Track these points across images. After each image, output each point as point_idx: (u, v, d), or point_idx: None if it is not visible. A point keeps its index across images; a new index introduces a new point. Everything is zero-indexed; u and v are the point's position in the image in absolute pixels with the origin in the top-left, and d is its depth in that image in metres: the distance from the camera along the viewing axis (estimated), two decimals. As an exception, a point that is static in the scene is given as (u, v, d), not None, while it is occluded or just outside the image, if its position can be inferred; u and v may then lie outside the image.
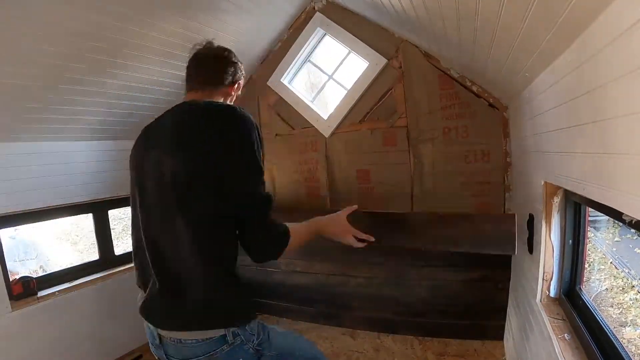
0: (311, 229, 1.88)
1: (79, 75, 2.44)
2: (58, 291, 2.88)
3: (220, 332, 1.53)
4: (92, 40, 2.26)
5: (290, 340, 1.95)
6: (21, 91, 2.29)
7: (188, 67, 1.84)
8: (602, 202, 1.13)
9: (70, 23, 2.07)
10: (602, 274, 2.21)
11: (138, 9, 2.26)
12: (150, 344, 1.73)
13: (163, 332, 1.60)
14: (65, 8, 1.97)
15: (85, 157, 3.05)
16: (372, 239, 1.89)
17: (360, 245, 1.88)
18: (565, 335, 1.60)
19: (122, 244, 5.53)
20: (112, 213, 3.47)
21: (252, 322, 1.66)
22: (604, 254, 2.26)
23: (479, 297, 3.04)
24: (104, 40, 2.31)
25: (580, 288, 1.80)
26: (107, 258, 3.38)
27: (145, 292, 1.74)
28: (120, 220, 5.93)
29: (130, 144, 1.71)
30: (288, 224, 1.70)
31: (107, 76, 2.58)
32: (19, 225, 2.95)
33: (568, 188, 1.55)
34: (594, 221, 1.96)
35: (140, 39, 2.47)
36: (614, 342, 1.34)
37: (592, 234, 2.04)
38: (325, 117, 3.54)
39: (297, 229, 1.75)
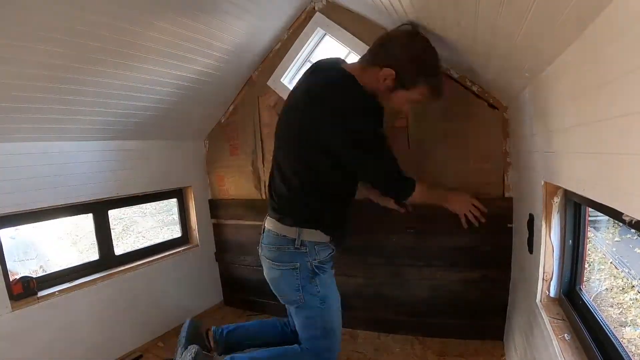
0: (436, 196, 2.52)
1: (79, 75, 2.44)
2: (58, 291, 2.87)
3: (292, 233, 2.17)
4: (92, 40, 2.26)
5: (337, 303, 2.41)
6: (21, 91, 2.29)
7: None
8: (602, 202, 1.13)
9: (70, 23, 2.07)
10: (602, 274, 2.21)
11: (138, 8, 2.26)
12: None
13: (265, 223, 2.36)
14: (65, 8, 1.97)
15: (85, 157, 3.05)
16: (485, 210, 2.49)
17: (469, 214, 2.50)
18: (565, 335, 1.60)
19: (122, 244, 5.54)
20: (112, 213, 3.47)
21: (322, 245, 2.23)
22: (604, 254, 2.26)
23: (479, 296, 3.04)
24: (104, 40, 2.31)
25: (580, 288, 1.81)
26: (107, 258, 3.38)
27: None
28: (121, 220, 5.94)
29: (130, 144, 1.74)
30: (419, 184, 2.27)
31: (107, 76, 2.58)
32: (19, 225, 2.94)
33: (568, 188, 1.55)
34: (594, 221, 1.96)
35: (140, 39, 2.47)
36: (614, 342, 1.34)
37: (592, 234, 2.04)
38: (325, 118, 3.52)
39: (424, 191, 2.31)
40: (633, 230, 1.80)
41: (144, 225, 6.34)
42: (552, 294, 1.92)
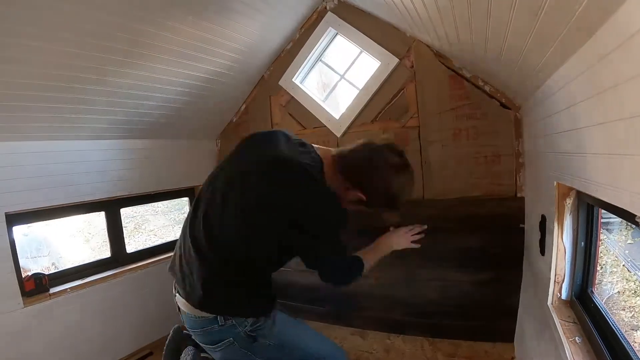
0: (380, 254, 2.30)
1: (92, 75, 2.46)
2: (70, 288, 2.90)
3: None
4: (105, 40, 2.28)
5: (299, 331, 2.05)
6: (34, 91, 2.32)
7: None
8: (615, 204, 1.12)
9: (82, 23, 2.10)
10: (614, 277, 2.19)
11: (151, 9, 2.28)
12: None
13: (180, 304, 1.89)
14: (77, 8, 1.99)
15: (98, 156, 3.08)
16: (424, 227, 2.34)
17: (417, 244, 2.34)
18: (577, 338, 1.59)
19: (134, 242, 5.59)
20: (124, 211, 3.50)
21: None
22: (616, 257, 2.23)
23: (490, 298, 3.02)
24: (116, 40, 2.33)
25: (592, 291, 1.79)
26: (118, 256, 3.41)
27: None
28: (133, 218, 5.99)
29: (142, 143, 1.75)
30: (360, 254, 2.10)
31: (119, 76, 2.60)
32: (31, 222, 2.97)
33: (581, 189, 1.54)
34: (607, 223, 1.93)
35: (152, 39, 2.49)
36: (626, 345, 1.32)
37: (605, 236, 2.02)
38: (337, 117, 3.54)
39: (369, 256, 2.15)
40: (646, 233, 1.78)
41: (155, 224, 6.39)
42: (563, 297, 1.90)
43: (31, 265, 3.95)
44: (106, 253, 3.39)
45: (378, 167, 1.84)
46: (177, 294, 1.91)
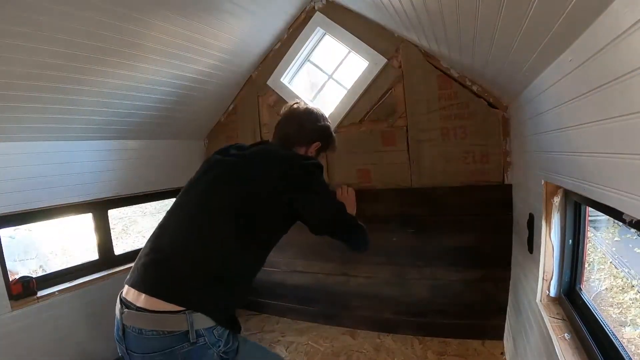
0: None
1: (79, 75, 2.44)
2: (58, 291, 2.87)
3: (183, 327, 1.48)
4: (92, 40, 2.26)
5: (258, 356, 1.90)
6: (20, 91, 2.29)
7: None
8: (602, 202, 1.13)
9: (70, 23, 2.08)
10: (602, 274, 2.22)
11: (138, 8, 2.26)
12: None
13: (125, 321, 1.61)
14: (64, 8, 1.97)
15: (85, 156, 3.04)
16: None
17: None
18: (565, 334, 1.60)
19: (122, 243, 5.54)
20: (111, 213, 3.46)
21: (219, 328, 1.59)
22: (603, 254, 2.26)
23: (479, 296, 3.04)
24: (104, 40, 2.31)
25: (580, 288, 1.81)
26: (106, 258, 3.38)
27: None
28: (120, 220, 5.94)
29: (130, 144, 1.73)
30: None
31: (107, 76, 2.58)
32: (18, 225, 2.94)
33: (568, 188, 1.55)
34: (594, 221, 1.96)
35: (140, 39, 2.47)
36: (614, 341, 1.34)
37: (592, 234, 2.04)
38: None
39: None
40: (633, 230, 1.81)
41: (143, 225, 6.34)
42: (552, 294, 1.92)
43: (19, 268, 3.91)
44: (94, 255, 3.36)
45: (310, 120, 2.22)
46: (128, 310, 1.63)
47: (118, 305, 1.70)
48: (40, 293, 2.79)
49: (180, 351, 1.49)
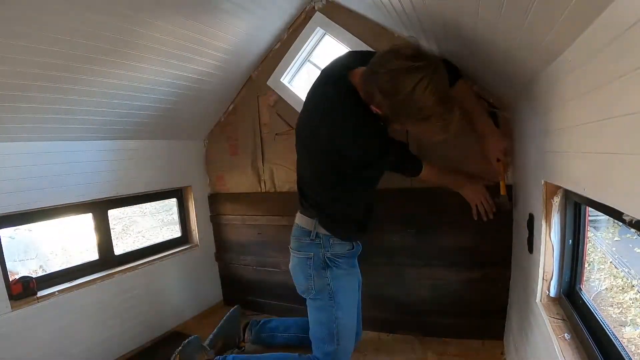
0: (450, 179, 2.68)
1: (79, 75, 2.44)
2: (58, 291, 2.87)
3: (310, 224, 2.34)
4: (92, 40, 2.26)
5: (352, 306, 2.54)
6: (20, 91, 2.29)
7: None
8: (602, 202, 1.13)
9: (69, 23, 2.08)
10: (602, 274, 2.21)
11: (138, 8, 2.26)
12: None
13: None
14: (64, 8, 1.97)
15: (85, 157, 3.05)
16: (493, 209, 2.60)
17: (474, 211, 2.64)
18: (565, 335, 1.60)
19: (122, 244, 5.53)
20: (111, 213, 3.47)
21: (337, 239, 2.36)
22: (603, 254, 2.26)
23: (479, 296, 3.04)
24: (104, 40, 2.31)
25: (580, 288, 1.80)
26: (107, 258, 3.38)
27: None
28: (120, 220, 5.93)
29: (130, 144, 1.73)
30: (429, 166, 2.47)
31: (107, 76, 2.58)
32: (18, 225, 2.94)
33: (568, 188, 1.55)
34: (594, 221, 1.95)
35: (140, 39, 2.47)
36: (614, 341, 1.34)
37: (592, 234, 2.04)
38: (325, 117, 3.53)
39: (434, 173, 2.54)
40: (633, 230, 1.80)
41: (143, 225, 6.33)
42: (552, 294, 1.92)
43: (19, 269, 3.90)
44: (94, 255, 3.36)
45: (378, 73, 1.74)
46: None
47: None
48: (40, 293, 2.79)
49: (303, 241, 2.41)
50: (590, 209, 1.68)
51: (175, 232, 4.18)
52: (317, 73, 2.27)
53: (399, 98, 1.68)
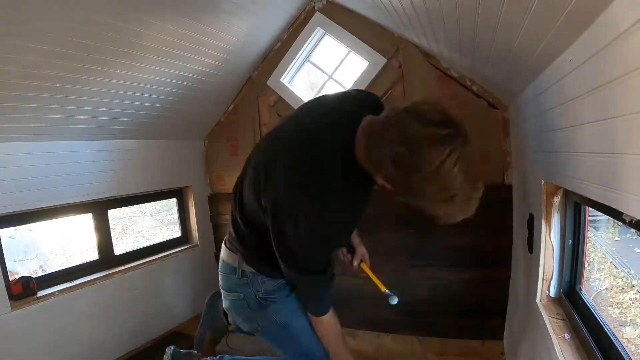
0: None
1: (79, 75, 2.44)
2: (58, 291, 2.87)
3: (234, 259, 1.87)
4: (92, 40, 2.26)
5: (305, 327, 2.03)
6: (21, 91, 2.29)
7: None
8: (602, 202, 1.13)
9: (70, 23, 2.08)
10: (602, 274, 2.22)
11: (137, 8, 2.26)
12: None
13: None
14: (63, 8, 1.97)
15: (85, 157, 3.05)
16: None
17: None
18: (565, 334, 1.60)
19: (122, 244, 5.52)
20: (111, 213, 3.47)
21: (263, 276, 1.85)
22: (603, 254, 2.26)
23: (479, 296, 3.04)
24: (104, 40, 2.31)
25: (580, 288, 1.80)
26: (106, 258, 3.37)
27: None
28: (120, 220, 5.92)
29: (130, 144, 1.73)
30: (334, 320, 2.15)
31: (107, 76, 2.58)
32: (18, 225, 2.94)
33: (568, 188, 1.55)
34: (594, 221, 1.96)
35: (140, 39, 2.47)
36: (614, 341, 1.34)
37: (592, 234, 2.04)
38: (325, 117, 3.52)
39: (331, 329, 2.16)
40: (633, 230, 1.80)
41: (143, 225, 6.33)
42: (552, 294, 1.92)
43: (19, 269, 3.90)
44: (94, 255, 3.36)
45: (393, 140, 1.34)
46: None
47: None
48: (40, 293, 2.78)
49: (232, 279, 1.88)
50: (590, 209, 1.68)
51: (175, 232, 4.18)
52: (317, 73, 2.22)
53: (419, 175, 1.32)
